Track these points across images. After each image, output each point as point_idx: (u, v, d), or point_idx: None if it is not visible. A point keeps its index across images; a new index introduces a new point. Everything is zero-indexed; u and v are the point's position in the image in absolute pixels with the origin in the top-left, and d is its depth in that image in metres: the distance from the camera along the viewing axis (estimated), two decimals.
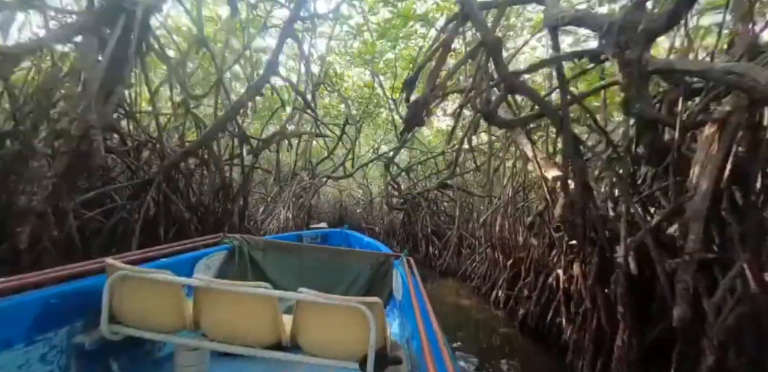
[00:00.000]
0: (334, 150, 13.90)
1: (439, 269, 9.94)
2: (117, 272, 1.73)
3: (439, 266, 10.01)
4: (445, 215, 12.69)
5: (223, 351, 1.84)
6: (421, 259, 11.11)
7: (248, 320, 1.73)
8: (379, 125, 14.28)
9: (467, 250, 10.27)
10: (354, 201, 20.65)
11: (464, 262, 9.96)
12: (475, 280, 7.69)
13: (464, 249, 10.26)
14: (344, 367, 1.66)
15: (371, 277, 3.27)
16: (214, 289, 1.68)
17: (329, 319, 1.64)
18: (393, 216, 16.49)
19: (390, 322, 2.22)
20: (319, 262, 3.32)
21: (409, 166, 13.24)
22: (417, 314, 1.98)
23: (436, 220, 11.82)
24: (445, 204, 13.09)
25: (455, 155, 8.65)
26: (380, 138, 15.37)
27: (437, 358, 1.47)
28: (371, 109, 11.44)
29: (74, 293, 1.90)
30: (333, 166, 14.94)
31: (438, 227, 11.62)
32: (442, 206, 13.12)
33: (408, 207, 12.38)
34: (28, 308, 1.70)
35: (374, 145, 15.33)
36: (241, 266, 3.14)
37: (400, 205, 13.10)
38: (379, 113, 13.88)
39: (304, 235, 5.35)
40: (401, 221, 13.79)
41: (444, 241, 10.75)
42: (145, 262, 2.39)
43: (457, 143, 7.88)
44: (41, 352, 1.72)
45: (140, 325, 1.80)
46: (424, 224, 11.44)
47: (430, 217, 11.63)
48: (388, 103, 11.47)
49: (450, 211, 12.75)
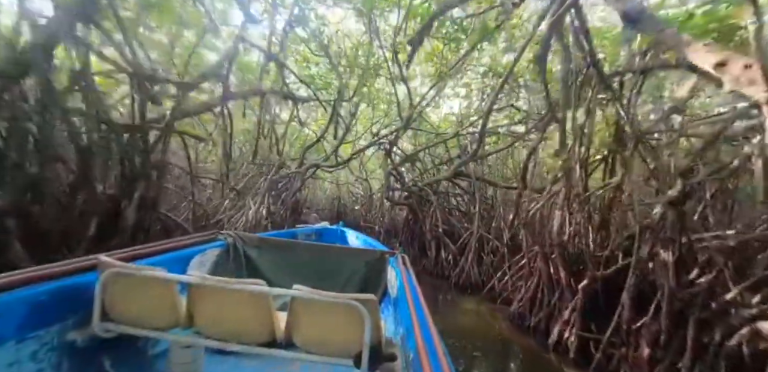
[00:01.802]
0: (324, 134, 11.61)
1: (455, 281, 7.63)
2: (109, 269, 1.72)
3: (455, 277, 7.70)
4: (458, 212, 10.40)
5: (217, 348, 1.80)
6: (430, 266, 8.83)
7: (243, 317, 1.71)
8: (381, 100, 11.85)
9: (489, 255, 8.00)
10: (353, 198, 18.46)
11: (486, 272, 7.71)
12: (516, 305, 5.36)
13: (486, 255, 7.98)
14: (339, 364, 1.65)
15: (366, 274, 3.20)
16: (208, 286, 1.66)
17: (324, 316, 1.63)
18: (395, 213, 14.25)
19: (385, 319, 2.20)
20: (314, 259, 3.24)
21: (415, 152, 10.90)
22: (412, 311, 1.99)
23: (448, 218, 9.51)
24: (458, 199, 10.80)
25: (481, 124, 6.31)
26: (380, 120, 12.90)
27: (432, 354, 1.48)
28: (370, 73, 9.02)
29: (66, 290, 1.86)
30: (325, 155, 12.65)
31: (451, 227, 9.32)
32: (455, 201, 10.82)
33: (413, 202, 10.08)
34: (19, 305, 1.68)
35: (371, 124, 12.67)
36: (236, 263, 3.10)
37: (403, 199, 10.78)
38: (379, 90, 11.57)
39: (299, 232, 5.23)
40: (405, 219, 11.51)
41: (460, 244, 8.45)
42: (138, 258, 2.32)
43: (486, 108, 5.58)
44: (32, 350, 1.71)
45: (133, 323, 1.78)
46: (434, 223, 9.14)
47: (442, 214, 9.32)
48: (388, 67, 9.11)
49: (464, 207, 10.46)
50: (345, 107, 12.77)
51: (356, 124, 12.65)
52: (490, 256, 8.01)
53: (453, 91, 11.23)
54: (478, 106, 10.73)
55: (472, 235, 8.26)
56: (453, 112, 13.65)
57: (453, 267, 8.22)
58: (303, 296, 1.59)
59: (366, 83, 9.61)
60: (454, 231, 9.16)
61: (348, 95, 10.28)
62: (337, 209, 17.64)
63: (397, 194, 11.60)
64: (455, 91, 11.27)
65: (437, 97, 10.75)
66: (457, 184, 10.34)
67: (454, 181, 10.06)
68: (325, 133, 11.47)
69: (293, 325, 1.69)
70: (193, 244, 2.95)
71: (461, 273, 7.61)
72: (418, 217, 9.97)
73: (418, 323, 1.79)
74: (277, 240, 3.45)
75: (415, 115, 10.46)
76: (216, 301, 1.69)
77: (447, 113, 14.04)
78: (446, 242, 8.75)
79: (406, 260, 3.11)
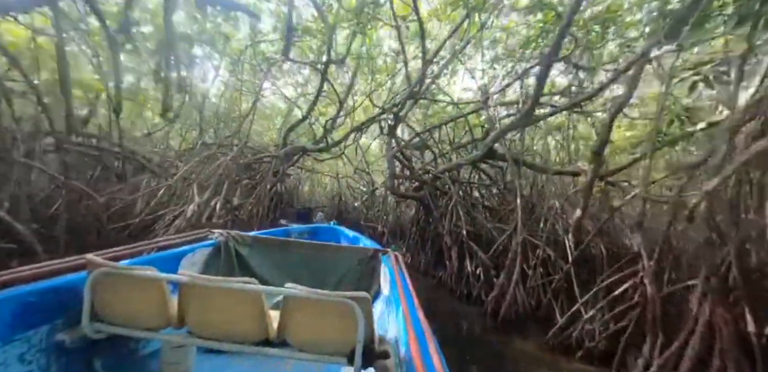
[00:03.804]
0: (312, 110, 9.20)
1: (491, 309, 5.15)
2: (98, 269, 1.68)
3: (491, 303, 5.22)
4: (483, 208, 7.92)
5: (209, 348, 1.77)
6: (450, 282, 6.41)
7: (235, 316, 1.68)
8: (383, 69, 9.30)
9: (537, 269, 5.54)
10: (355, 194, 16.13)
11: (533, 294, 5.28)
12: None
13: (531, 268, 5.52)
14: (332, 362, 1.64)
15: (359, 273, 3.16)
16: (199, 285, 1.62)
17: (317, 314, 1.62)
18: (401, 210, 11.84)
19: (378, 317, 2.18)
20: (306, 258, 3.20)
21: (428, 129, 8.40)
22: (404, 309, 1.97)
23: (475, 216, 7.06)
24: (482, 191, 8.33)
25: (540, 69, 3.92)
26: (384, 87, 10.13)
27: (424, 352, 1.47)
28: (366, 17, 6.49)
29: (54, 290, 1.83)
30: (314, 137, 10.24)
31: (478, 228, 6.87)
32: (479, 194, 8.36)
33: (426, 194, 7.62)
34: (6, 306, 1.65)
35: (370, 91, 9.86)
36: (228, 262, 3.03)
37: (412, 191, 8.32)
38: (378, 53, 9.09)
39: (292, 231, 5.10)
40: (413, 217, 9.09)
41: (493, 252, 6.00)
42: (128, 258, 2.28)
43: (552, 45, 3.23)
44: (20, 351, 1.68)
45: (124, 323, 1.75)
46: (456, 222, 6.70)
47: (464, 211, 6.87)
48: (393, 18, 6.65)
49: (492, 202, 7.99)
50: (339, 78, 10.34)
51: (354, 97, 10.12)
52: (538, 271, 5.56)
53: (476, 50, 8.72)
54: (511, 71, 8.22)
55: (512, 239, 5.83)
56: (470, 87, 11.16)
57: (486, 286, 5.77)
58: (296, 295, 1.58)
59: (364, 32, 7.08)
60: (483, 234, 6.71)
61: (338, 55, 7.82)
62: (338, 208, 15.76)
63: (403, 187, 9.17)
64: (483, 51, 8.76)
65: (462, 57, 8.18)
66: (484, 170, 7.88)
67: (483, 166, 7.59)
68: (314, 107, 9.05)
69: (286, 324, 1.66)
70: (184, 243, 2.88)
71: (501, 297, 5.14)
72: (432, 214, 7.52)
73: (411, 320, 1.79)
74: (269, 239, 3.36)
75: (427, 84, 8.01)
76: (208, 300, 1.66)
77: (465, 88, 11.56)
78: (473, 249, 6.29)
79: (399, 258, 3.02)
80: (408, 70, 7.39)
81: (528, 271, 5.54)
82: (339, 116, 8.89)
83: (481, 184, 8.08)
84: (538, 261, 5.62)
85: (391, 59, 9.17)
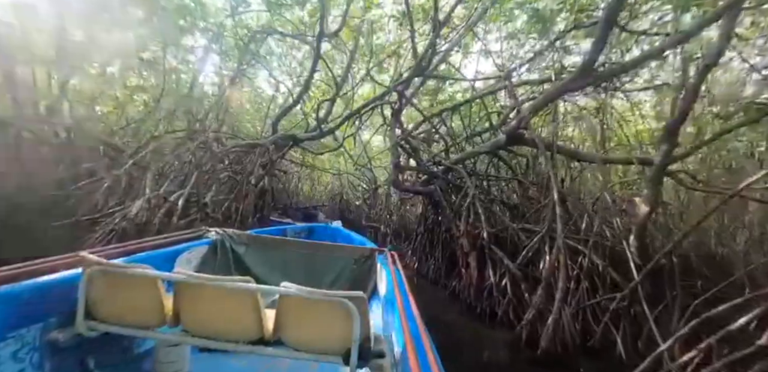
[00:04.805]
0: (303, 94, 8.05)
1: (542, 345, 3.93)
2: (93, 267, 1.66)
3: (525, 329, 4.01)
4: (502, 205, 6.70)
5: (204, 347, 1.75)
6: (468, 296, 5.22)
7: (230, 315, 1.67)
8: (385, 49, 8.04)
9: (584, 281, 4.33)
10: (356, 192, 15.03)
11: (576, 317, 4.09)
12: None
13: (570, 279, 4.31)
14: (328, 361, 1.63)
15: (355, 272, 3.16)
16: (195, 284, 1.61)
17: (313, 313, 1.61)
18: (405, 209, 10.66)
19: (373, 316, 2.04)
20: (303, 257, 3.19)
21: (439, 112, 7.18)
22: (400, 308, 1.96)
23: (498, 216, 5.87)
24: (501, 185, 7.12)
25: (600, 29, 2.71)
26: (388, 64, 8.73)
27: (420, 351, 1.47)
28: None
29: (48, 288, 1.78)
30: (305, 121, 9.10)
31: (501, 229, 5.68)
32: (496, 189, 7.16)
33: (435, 189, 6.43)
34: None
35: (369, 67, 8.28)
36: (224, 260, 3.03)
37: (420, 185, 7.12)
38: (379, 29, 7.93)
39: (289, 230, 5.03)
40: (420, 216, 7.91)
41: (522, 260, 4.81)
42: (123, 256, 2.22)
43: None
44: (13, 350, 1.65)
45: (118, 321, 1.73)
46: (475, 222, 5.51)
47: (484, 209, 5.67)
48: None
49: (513, 200, 6.78)
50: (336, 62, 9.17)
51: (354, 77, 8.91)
52: (582, 285, 4.37)
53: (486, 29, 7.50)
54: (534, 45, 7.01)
55: (544, 243, 4.65)
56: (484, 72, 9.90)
57: (515, 303, 4.58)
58: (292, 293, 1.56)
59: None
60: (507, 237, 5.51)
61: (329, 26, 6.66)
62: (339, 207, 14.83)
63: (408, 183, 7.99)
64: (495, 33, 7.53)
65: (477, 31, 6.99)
66: (505, 160, 6.67)
67: (502, 155, 6.40)
68: (306, 90, 7.88)
69: (282, 323, 1.65)
70: (179, 241, 2.85)
71: (538, 320, 3.93)
72: (444, 212, 6.33)
73: (407, 320, 1.76)
74: (265, 237, 3.34)
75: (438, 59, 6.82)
76: (203, 298, 1.64)
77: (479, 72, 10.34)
78: (497, 255, 5.10)
79: (395, 257, 3.01)
80: (415, 42, 6.20)
81: (568, 285, 4.35)
82: (338, 96, 7.70)
83: (501, 177, 6.87)
84: (583, 272, 4.42)
85: (394, 36, 7.97)
